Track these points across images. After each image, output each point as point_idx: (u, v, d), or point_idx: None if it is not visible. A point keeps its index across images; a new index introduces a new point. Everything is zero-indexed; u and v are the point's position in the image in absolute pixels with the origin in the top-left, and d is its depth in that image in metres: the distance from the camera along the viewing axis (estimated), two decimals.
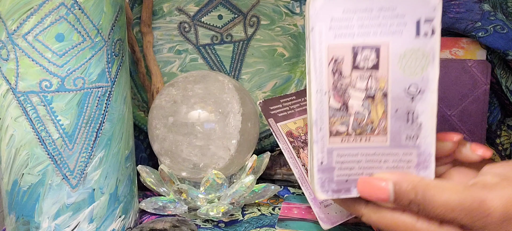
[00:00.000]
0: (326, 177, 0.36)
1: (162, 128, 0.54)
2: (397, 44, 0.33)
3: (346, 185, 0.36)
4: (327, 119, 0.35)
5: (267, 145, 0.71)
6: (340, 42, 0.33)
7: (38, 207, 0.44)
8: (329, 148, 0.35)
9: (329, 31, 0.33)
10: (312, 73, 0.34)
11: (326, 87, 0.34)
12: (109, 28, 0.44)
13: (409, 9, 0.33)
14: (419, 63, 0.34)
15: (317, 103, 0.34)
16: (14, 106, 0.42)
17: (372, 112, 0.34)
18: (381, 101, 0.34)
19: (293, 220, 0.53)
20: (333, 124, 0.35)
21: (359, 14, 0.33)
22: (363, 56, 0.33)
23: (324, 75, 0.34)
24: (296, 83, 0.71)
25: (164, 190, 0.57)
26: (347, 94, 0.34)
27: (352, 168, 0.35)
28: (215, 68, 0.69)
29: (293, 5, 0.69)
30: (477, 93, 0.58)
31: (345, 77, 0.34)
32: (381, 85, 0.34)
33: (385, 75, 0.34)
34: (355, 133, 0.35)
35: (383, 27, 0.33)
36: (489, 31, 0.57)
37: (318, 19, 0.33)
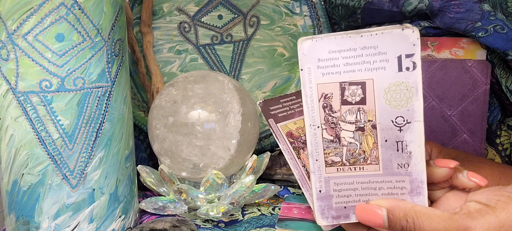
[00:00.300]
0: (326, 204, 0.38)
1: (162, 128, 0.54)
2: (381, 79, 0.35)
3: (345, 211, 0.38)
4: (321, 150, 0.37)
5: (267, 145, 0.71)
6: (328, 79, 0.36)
7: (38, 207, 0.44)
8: (326, 177, 0.38)
9: (317, 70, 0.36)
10: (305, 109, 0.37)
11: (319, 121, 0.37)
12: (109, 28, 0.44)
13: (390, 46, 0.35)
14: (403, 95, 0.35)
15: (311, 136, 0.37)
16: (14, 106, 0.42)
17: (363, 143, 0.37)
18: (371, 133, 0.36)
19: (293, 220, 0.53)
20: (328, 155, 0.37)
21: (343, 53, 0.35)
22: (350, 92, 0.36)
23: (316, 111, 0.37)
24: (296, 83, 0.71)
25: (164, 190, 0.57)
26: (339, 127, 0.37)
27: (349, 195, 0.38)
28: (215, 68, 0.69)
29: (293, 5, 0.69)
30: (477, 93, 0.58)
31: (335, 111, 0.37)
32: (369, 117, 0.36)
33: (373, 109, 0.36)
34: (349, 162, 0.37)
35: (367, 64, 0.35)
36: (489, 31, 0.57)
37: (306, 61, 0.36)
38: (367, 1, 0.64)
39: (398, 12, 0.62)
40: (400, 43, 0.35)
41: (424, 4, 0.60)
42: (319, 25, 0.69)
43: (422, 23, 0.62)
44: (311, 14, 0.69)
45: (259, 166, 0.59)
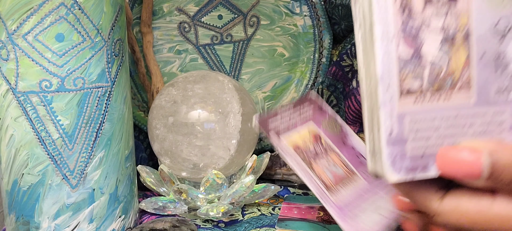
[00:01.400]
0: (398, 152, 0.27)
1: (162, 128, 0.54)
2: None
3: (423, 161, 0.27)
4: (396, 72, 0.27)
5: (267, 145, 0.71)
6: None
7: (38, 207, 0.44)
8: (399, 113, 0.27)
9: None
10: (375, 13, 0.26)
11: (394, 29, 0.27)
12: (109, 28, 0.44)
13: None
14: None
15: (383, 53, 0.27)
16: (14, 106, 0.42)
17: (452, 60, 0.27)
18: (463, 45, 0.27)
19: (293, 220, 0.53)
20: (404, 79, 0.27)
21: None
22: None
23: (390, 14, 0.26)
24: (296, 83, 0.71)
25: (164, 190, 0.57)
26: (420, 38, 0.27)
27: (428, 138, 0.27)
28: (215, 68, 0.69)
29: (293, 5, 0.69)
30: None
31: (417, 14, 0.27)
32: (462, 21, 0.27)
33: (466, 9, 0.27)
34: (432, 89, 0.27)
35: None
36: None
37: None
38: None
39: None
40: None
41: None
42: (319, 25, 0.69)
43: None
44: (311, 14, 0.69)
45: (259, 166, 0.59)
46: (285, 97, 0.71)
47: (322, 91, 0.70)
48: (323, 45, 0.70)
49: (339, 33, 0.70)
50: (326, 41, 0.70)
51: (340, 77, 0.69)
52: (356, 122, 0.69)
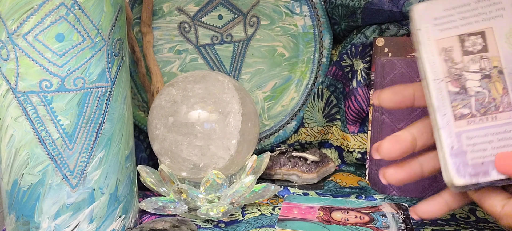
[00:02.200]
0: (460, 161, 0.35)
1: (162, 128, 0.54)
2: (500, 25, 0.36)
3: (483, 168, 0.35)
4: (449, 103, 0.36)
5: (267, 145, 0.71)
6: (446, 35, 0.36)
7: (38, 207, 0.44)
8: (457, 132, 0.36)
9: (434, 27, 0.37)
10: (427, 65, 0.36)
11: (442, 75, 0.36)
12: (109, 28, 0.44)
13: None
14: None
15: (436, 91, 0.36)
16: (14, 106, 0.42)
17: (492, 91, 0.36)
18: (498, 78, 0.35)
19: (293, 220, 0.53)
20: (456, 108, 0.36)
21: (458, 9, 0.36)
22: (470, 42, 0.36)
23: (437, 65, 0.36)
24: (296, 83, 0.71)
25: (164, 190, 0.57)
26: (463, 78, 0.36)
27: (485, 149, 0.35)
28: (215, 68, 0.69)
29: (293, 5, 0.69)
30: None
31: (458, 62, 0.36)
32: (494, 64, 0.35)
33: (496, 54, 0.35)
34: (480, 113, 0.36)
35: (484, 15, 0.36)
36: None
37: (423, 21, 0.37)
38: (367, 1, 0.64)
39: (398, 12, 0.62)
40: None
41: None
42: (319, 25, 0.69)
43: None
44: (311, 14, 0.69)
45: (259, 166, 0.59)
46: (285, 97, 0.71)
47: (322, 91, 0.70)
48: (323, 45, 0.70)
49: (339, 33, 0.70)
50: (326, 41, 0.70)
51: (340, 77, 0.69)
52: (356, 122, 0.69)
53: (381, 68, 0.58)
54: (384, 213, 0.54)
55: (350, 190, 0.63)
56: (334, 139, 0.72)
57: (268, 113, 0.71)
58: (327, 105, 0.71)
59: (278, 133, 0.71)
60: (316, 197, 0.60)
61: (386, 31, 0.65)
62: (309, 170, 0.64)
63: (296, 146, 0.72)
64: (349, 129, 0.70)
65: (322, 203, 0.57)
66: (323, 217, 0.53)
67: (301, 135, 0.71)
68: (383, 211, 0.54)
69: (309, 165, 0.65)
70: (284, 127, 0.71)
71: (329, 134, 0.73)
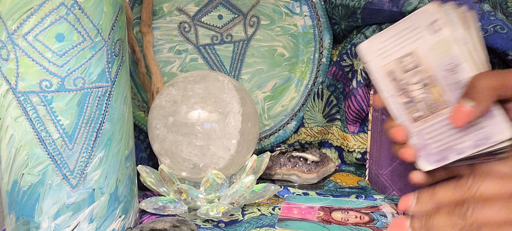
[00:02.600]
0: (426, 153, 0.45)
1: (162, 128, 0.54)
2: (423, 44, 0.44)
3: (444, 153, 0.45)
4: (405, 111, 0.46)
5: (267, 145, 0.71)
6: (388, 61, 0.46)
7: (38, 207, 0.44)
8: (417, 131, 0.46)
9: (378, 57, 0.46)
10: (381, 87, 0.47)
11: (393, 91, 0.46)
12: (109, 28, 0.44)
13: (419, 22, 0.45)
14: (443, 49, 0.44)
15: (393, 104, 0.46)
16: (14, 106, 0.42)
17: (432, 94, 0.45)
18: (434, 84, 0.44)
19: (293, 220, 0.53)
20: (411, 113, 0.46)
21: (391, 39, 0.46)
22: (406, 62, 0.45)
23: (388, 85, 0.46)
24: (296, 83, 0.71)
25: (164, 190, 0.57)
26: (409, 90, 0.45)
27: (441, 139, 0.45)
28: (215, 68, 0.69)
29: (293, 5, 0.69)
30: None
31: (402, 80, 0.46)
32: (427, 74, 0.44)
33: (427, 67, 0.44)
34: (429, 112, 0.45)
35: (410, 40, 0.45)
36: (489, 31, 0.57)
37: (367, 54, 0.47)
38: (367, 1, 0.64)
39: (398, 12, 0.62)
40: (424, 16, 0.44)
41: (424, 4, 0.60)
42: (319, 25, 0.69)
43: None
44: (311, 14, 0.69)
45: (259, 166, 0.59)
46: (285, 97, 0.71)
47: (322, 91, 0.70)
48: (323, 45, 0.70)
49: (339, 33, 0.70)
50: (326, 41, 0.70)
51: (340, 77, 0.69)
52: (356, 122, 0.69)
53: None
54: (384, 213, 0.54)
55: (350, 190, 0.63)
56: (334, 139, 0.72)
57: (268, 113, 0.71)
58: (327, 105, 0.71)
59: (278, 133, 0.71)
60: (316, 197, 0.60)
61: None
62: (309, 170, 0.64)
63: (296, 146, 0.72)
64: (349, 129, 0.70)
65: (322, 203, 0.57)
66: (323, 217, 0.53)
67: (301, 135, 0.71)
68: (383, 211, 0.54)
69: (309, 165, 0.65)
70: (284, 127, 0.71)
71: (329, 134, 0.73)
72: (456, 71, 0.43)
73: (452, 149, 0.44)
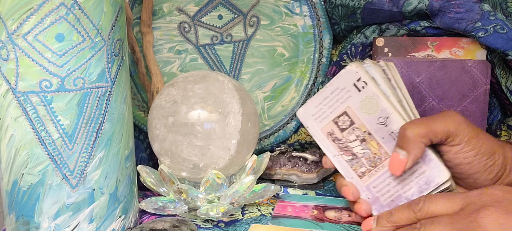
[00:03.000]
0: (378, 205, 0.48)
1: (162, 128, 0.54)
2: (353, 103, 0.47)
3: (394, 203, 0.47)
4: (350, 168, 0.48)
5: (267, 145, 0.71)
6: (325, 123, 0.49)
7: (38, 207, 0.44)
8: (366, 186, 0.48)
9: (315, 121, 0.49)
10: (323, 149, 0.49)
11: (336, 151, 0.49)
12: (109, 28, 0.44)
13: (345, 82, 0.47)
14: (371, 104, 0.47)
15: (337, 163, 0.49)
16: (14, 106, 0.42)
17: (371, 148, 0.47)
18: (370, 138, 0.47)
19: (287, 217, 0.53)
20: (356, 170, 0.48)
21: (323, 102, 0.49)
22: (341, 122, 0.48)
23: (330, 145, 0.49)
24: (296, 83, 0.71)
25: (164, 190, 0.57)
26: (350, 147, 0.48)
27: (389, 190, 0.47)
28: (215, 68, 0.69)
29: (293, 5, 0.69)
30: (477, 93, 0.58)
31: (341, 139, 0.48)
32: (362, 130, 0.47)
33: (360, 123, 0.47)
34: (372, 166, 0.48)
35: (340, 100, 0.48)
36: (489, 31, 0.57)
37: (305, 120, 0.50)
38: (367, 1, 0.64)
39: (398, 12, 0.62)
40: (349, 77, 0.47)
41: (424, 4, 0.60)
42: (319, 25, 0.69)
43: (422, 23, 0.62)
44: (311, 14, 0.69)
45: (259, 166, 0.59)
46: (285, 97, 0.71)
47: None
48: (323, 45, 0.70)
49: (339, 33, 0.70)
50: (326, 41, 0.70)
51: None
52: None
53: None
54: None
55: None
56: None
57: (268, 113, 0.71)
58: None
59: (278, 133, 0.71)
60: (310, 196, 0.60)
61: (386, 31, 0.65)
62: (309, 170, 0.64)
63: (296, 146, 0.72)
64: None
65: (316, 201, 0.57)
66: (316, 216, 0.53)
67: (301, 135, 0.71)
68: None
69: (309, 165, 0.65)
70: (284, 127, 0.71)
71: None
72: (386, 123, 0.46)
73: (400, 197, 0.47)
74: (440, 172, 0.45)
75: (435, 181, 0.45)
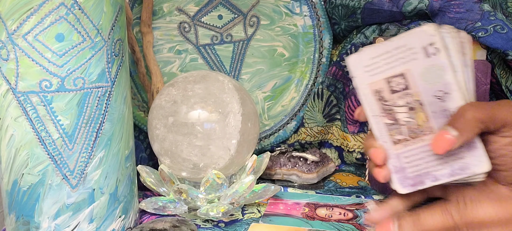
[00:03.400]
0: (402, 176, 0.44)
1: (162, 128, 0.54)
2: (415, 67, 0.42)
3: (419, 178, 0.44)
4: (386, 132, 0.44)
5: (267, 145, 0.71)
6: (376, 79, 0.44)
7: (38, 207, 0.44)
8: (396, 154, 0.44)
9: (365, 74, 0.44)
10: (365, 105, 0.44)
11: (378, 111, 0.44)
12: (109, 28, 0.44)
13: (415, 42, 0.42)
14: (436, 74, 0.42)
15: (375, 124, 0.45)
16: (14, 106, 0.42)
17: (417, 119, 0.43)
18: (420, 109, 0.43)
19: (278, 215, 0.53)
20: (392, 135, 0.44)
21: (382, 56, 0.43)
22: (395, 82, 0.43)
23: (373, 104, 0.44)
24: (296, 83, 0.71)
25: (164, 190, 0.57)
26: (394, 112, 0.44)
27: (419, 164, 0.44)
28: (215, 68, 0.69)
29: (293, 5, 0.69)
30: (477, 93, 0.58)
31: (388, 100, 0.44)
32: (415, 98, 0.43)
33: (416, 91, 0.43)
34: (411, 137, 0.44)
35: (402, 60, 0.43)
36: (489, 31, 0.57)
37: (356, 69, 0.44)
38: (367, 1, 0.64)
39: (398, 12, 0.62)
40: (422, 37, 0.42)
41: (424, 4, 0.60)
42: (319, 25, 0.69)
43: (422, 23, 0.62)
44: (311, 14, 0.69)
45: (259, 166, 0.59)
46: (285, 97, 0.71)
47: (322, 91, 0.70)
48: (323, 45, 0.70)
49: (339, 33, 0.70)
50: (326, 41, 0.70)
51: (340, 77, 0.69)
52: (356, 122, 0.69)
53: None
54: (368, 210, 0.54)
55: (350, 190, 0.63)
56: (334, 139, 0.72)
57: (268, 113, 0.71)
58: (327, 105, 0.71)
59: (278, 133, 0.71)
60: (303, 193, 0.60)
61: (386, 31, 0.65)
62: (309, 170, 0.64)
63: (296, 146, 0.72)
64: (349, 129, 0.70)
65: (308, 199, 0.58)
66: (307, 213, 0.54)
67: (301, 135, 0.71)
68: (368, 208, 0.55)
69: (309, 165, 0.65)
70: (284, 127, 0.71)
71: (329, 134, 0.73)
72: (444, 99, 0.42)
73: (428, 174, 0.44)
74: (481, 162, 0.42)
75: (472, 169, 0.42)
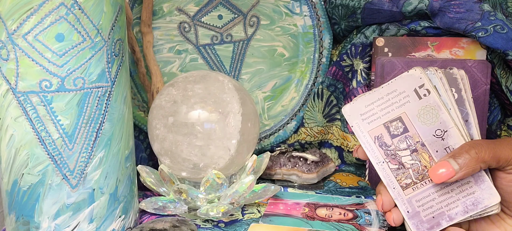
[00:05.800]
0: (417, 221, 0.44)
1: (162, 128, 0.54)
2: (410, 110, 0.44)
3: (435, 220, 0.44)
4: (394, 178, 0.45)
5: (267, 145, 0.71)
6: (374, 125, 0.45)
7: (38, 207, 0.44)
8: (407, 199, 0.45)
9: (363, 122, 0.45)
10: (368, 153, 0.45)
11: (382, 157, 0.45)
12: (109, 28, 0.44)
13: (405, 86, 0.44)
14: (431, 114, 0.44)
15: (381, 171, 0.45)
16: (14, 106, 0.42)
17: (421, 160, 0.44)
18: (423, 150, 0.44)
19: (278, 215, 0.53)
20: (400, 180, 0.45)
21: (376, 103, 0.45)
22: (394, 127, 0.44)
23: (376, 151, 0.45)
24: (296, 83, 0.71)
25: (164, 190, 0.57)
26: (398, 156, 0.45)
27: (432, 206, 0.44)
28: (215, 68, 0.69)
29: (293, 5, 0.69)
30: (477, 93, 0.58)
31: (390, 145, 0.45)
32: (416, 140, 0.44)
33: (415, 132, 0.44)
34: (419, 179, 0.44)
35: (396, 104, 0.44)
36: (489, 31, 0.57)
37: (352, 118, 0.45)
38: (367, 1, 0.64)
39: (398, 12, 0.62)
40: (411, 81, 0.44)
41: (424, 4, 0.60)
42: (319, 25, 0.69)
43: (422, 23, 0.62)
44: (311, 14, 0.69)
45: (259, 166, 0.59)
46: (285, 97, 0.71)
47: (322, 91, 0.70)
48: (323, 45, 0.70)
49: (339, 33, 0.70)
50: (326, 41, 0.70)
51: (340, 77, 0.69)
52: None
53: (381, 68, 0.59)
54: (368, 210, 0.54)
55: (350, 190, 0.63)
56: (334, 139, 0.72)
57: (268, 113, 0.71)
58: (327, 105, 0.71)
59: (278, 133, 0.71)
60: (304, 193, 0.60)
61: (386, 31, 0.65)
62: (309, 170, 0.64)
63: (296, 146, 0.72)
64: (349, 129, 0.70)
65: (308, 199, 0.58)
66: (307, 213, 0.53)
67: (301, 135, 0.71)
68: (368, 208, 0.55)
69: (309, 165, 0.65)
70: (284, 127, 0.71)
71: (329, 134, 0.73)
72: (444, 137, 0.44)
73: (443, 215, 0.44)
74: (491, 195, 0.43)
75: (484, 203, 0.43)
